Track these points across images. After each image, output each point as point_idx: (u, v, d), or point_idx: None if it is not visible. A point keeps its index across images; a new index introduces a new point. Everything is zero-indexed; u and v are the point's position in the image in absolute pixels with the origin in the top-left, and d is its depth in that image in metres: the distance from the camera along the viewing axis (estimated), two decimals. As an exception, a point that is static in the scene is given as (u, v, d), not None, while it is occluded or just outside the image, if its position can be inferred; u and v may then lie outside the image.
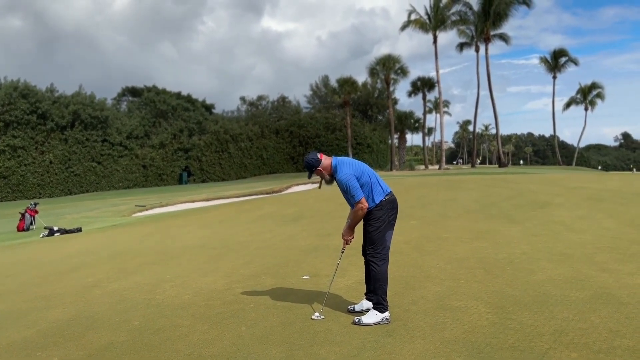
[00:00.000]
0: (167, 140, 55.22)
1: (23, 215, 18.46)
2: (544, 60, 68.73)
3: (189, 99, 62.67)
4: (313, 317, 4.65)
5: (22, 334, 4.92)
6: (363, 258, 4.71)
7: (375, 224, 4.52)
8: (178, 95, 61.94)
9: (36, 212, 18.82)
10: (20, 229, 18.14)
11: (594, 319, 4.21)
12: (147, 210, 23.53)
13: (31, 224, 18.44)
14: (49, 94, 48.74)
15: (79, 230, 16.13)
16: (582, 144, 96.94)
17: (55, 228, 16.04)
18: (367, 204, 4.48)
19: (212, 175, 57.51)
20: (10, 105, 44.41)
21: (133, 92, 64.95)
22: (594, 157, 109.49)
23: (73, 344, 4.51)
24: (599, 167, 79.41)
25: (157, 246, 10.44)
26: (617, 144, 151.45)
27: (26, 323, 5.30)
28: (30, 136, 45.69)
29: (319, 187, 5.18)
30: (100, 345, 4.40)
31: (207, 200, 25.74)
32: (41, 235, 15.62)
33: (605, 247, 7.11)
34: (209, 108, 65.17)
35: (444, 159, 58.10)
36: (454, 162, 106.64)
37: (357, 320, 4.45)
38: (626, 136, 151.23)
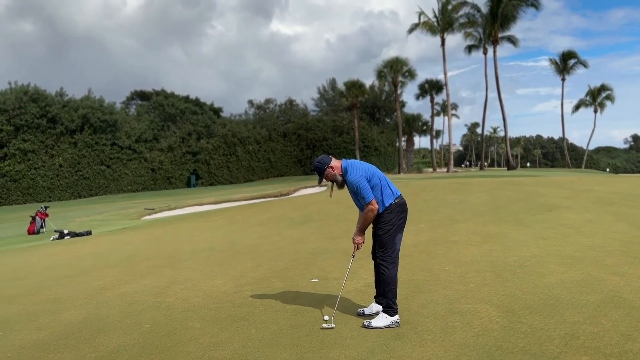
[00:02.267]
0: (175, 143, 55.54)
1: (33, 218, 18.61)
2: (553, 62, 68.39)
3: (197, 102, 63.06)
4: (324, 326, 4.54)
5: (34, 336, 4.97)
6: (372, 261, 4.71)
7: (385, 227, 4.52)
8: (186, 98, 62.35)
9: (46, 215, 18.96)
10: (30, 232, 18.29)
11: (605, 322, 4.19)
12: (156, 213, 23.64)
13: (41, 227, 18.58)
14: (59, 98, 49.21)
15: (89, 233, 16.25)
16: (592, 146, 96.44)
17: (66, 231, 16.16)
18: (377, 206, 4.48)
19: (220, 178, 57.71)
20: (20, 109, 44.86)
21: (142, 95, 65.49)
22: (603, 160, 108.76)
23: (85, 346, 4.55)
24: (607, 170, 78.77)
25: (166, 249, 10.49)
26: (627, 146, 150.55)
27: (38, 325, 5.35)
28: (40, 140, 46.12)
29: (330, 196, 5.16)
30: (111, 348, 4.43)
31: (216, 203, 25.80)
32: (51, 239, 15.74)
33: (616, 250, 7.07)
34: (217, 111, 65.48)
35: (452, 161, 57.90)
36: (462, 165, 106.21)
37: (366, 324, 4.44)
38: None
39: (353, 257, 4.89)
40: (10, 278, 8.72)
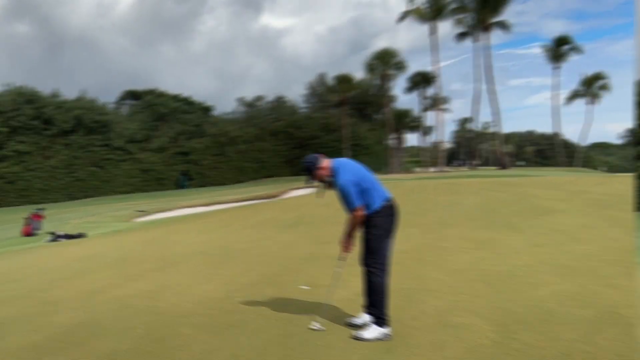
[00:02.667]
0: (166, 143, 55.27)
1: (28, 220, 18.55)
2: (546, 49, 65.92)
3: (187, 101, 62.76)
4: (311, 327, 4.61)
5: (30, 339, 5.00)
6: (361, 268, 4.59)
7: (374, 232, 4.44)
8: (176, 97, 61.99)
9: (42, 217, 18.92)
10: (25, 234, 18.21)
11: (600, 340, 4.07)
12: (147, 215, 23.66)
13: (36, 229, 18.51)
14: (53, 98, 48.98)
15: (83, 235, 16.19)
16: (587, 142, 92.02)
17: (61, 233, 16.12)
18: (362, 212, 4.42)
19: (211, 179, 57.37)
20: (16, 110, 44.66)
21: (134, 95, 65.06)
22: (598, 157, 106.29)
23: (79, 349, 4.60)
24: (601, 169, 76.65)
25: (158, 252, 10.48)
26: (622, 141, 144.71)
27: (33, 328, 5.39)
28: (35, 141, 45.97)
29: (320, 197, 5.04)
30: (104, 352, 4.48)
31: (207, 205, 25.81)
32: (44, 241, 15.68)
33: (611, 260, 6.76)
34: (207, 110, 65.15)
35: (442, 160, 57.42)
36: (454, 163, 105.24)
37: (357, 335, 4.39)
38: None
39: (341, 260, 4.81)
40: (5, 280, 8.70)
